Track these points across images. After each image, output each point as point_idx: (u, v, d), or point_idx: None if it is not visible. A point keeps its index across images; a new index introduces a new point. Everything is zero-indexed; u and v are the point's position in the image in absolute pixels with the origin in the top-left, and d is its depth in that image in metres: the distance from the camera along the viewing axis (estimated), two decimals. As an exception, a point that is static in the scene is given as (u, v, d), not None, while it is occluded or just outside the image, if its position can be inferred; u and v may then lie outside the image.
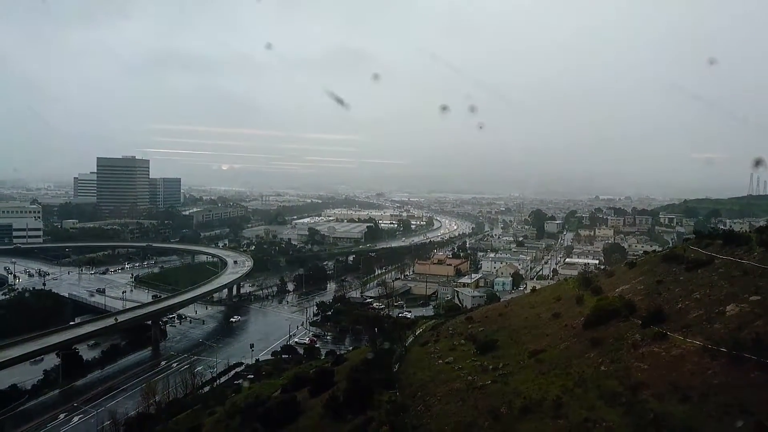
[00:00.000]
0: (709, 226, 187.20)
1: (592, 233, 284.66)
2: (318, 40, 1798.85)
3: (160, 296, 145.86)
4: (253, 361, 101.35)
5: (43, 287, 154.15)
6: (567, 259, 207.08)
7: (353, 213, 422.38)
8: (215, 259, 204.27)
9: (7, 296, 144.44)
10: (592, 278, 66.31)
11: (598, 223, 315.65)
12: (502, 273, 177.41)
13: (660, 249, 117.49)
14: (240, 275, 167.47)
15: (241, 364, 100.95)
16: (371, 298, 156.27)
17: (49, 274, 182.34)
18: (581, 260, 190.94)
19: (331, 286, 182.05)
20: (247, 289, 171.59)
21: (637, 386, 32.38)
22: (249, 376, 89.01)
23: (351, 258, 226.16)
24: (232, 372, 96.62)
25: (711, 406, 28.62)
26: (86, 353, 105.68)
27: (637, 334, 39.82)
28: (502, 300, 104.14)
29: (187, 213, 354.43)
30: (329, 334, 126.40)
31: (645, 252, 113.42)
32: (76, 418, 78.64)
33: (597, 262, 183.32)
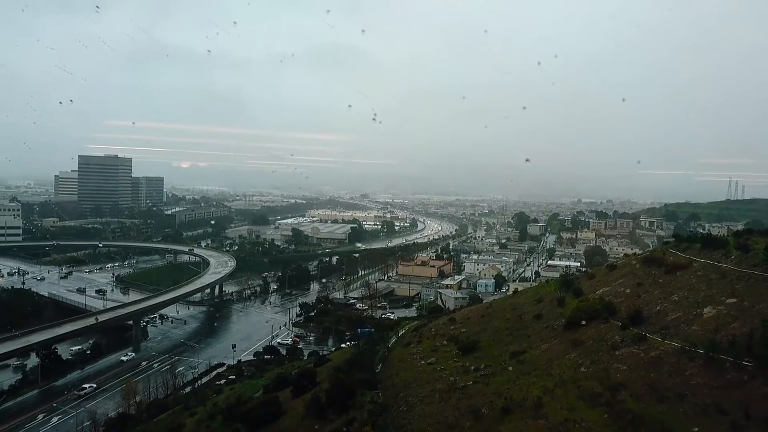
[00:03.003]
0: (689, 230, 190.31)
1: (574, 236, 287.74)
2: (307, 35, 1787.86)
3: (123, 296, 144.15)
4: (235, 362, 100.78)
5: (22, 286, 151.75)
6: (549, 262, 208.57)
7: (337, 214, 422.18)
8: (197, 259, 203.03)
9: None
10: (573, 280, 66.88)
11: (580, 226, 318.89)
12: (484, 275, 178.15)
13: (640, 252, 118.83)
14: (222, 275, 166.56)
15: (223, 364, 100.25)
16: (354, 298, 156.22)
17: (28, 273, 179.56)
18: (563, 262, 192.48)
19: (315, 287, 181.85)
20: (229, 289, 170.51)
21: (616, 387, 32.86)
22: (231, 377, 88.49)
23: (335, 259, 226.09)
24: (214, 372, 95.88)
25: (688, 406, 29.18)
26: (66, 353, 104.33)
27: (617, 335, 40.39)
28: (484, 301, 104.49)
29: (169, 212, 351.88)
30: (312, 334, 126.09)
31: (625, 255, 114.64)
32: (55, 419, 77.57)
33: (578, 264, 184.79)
